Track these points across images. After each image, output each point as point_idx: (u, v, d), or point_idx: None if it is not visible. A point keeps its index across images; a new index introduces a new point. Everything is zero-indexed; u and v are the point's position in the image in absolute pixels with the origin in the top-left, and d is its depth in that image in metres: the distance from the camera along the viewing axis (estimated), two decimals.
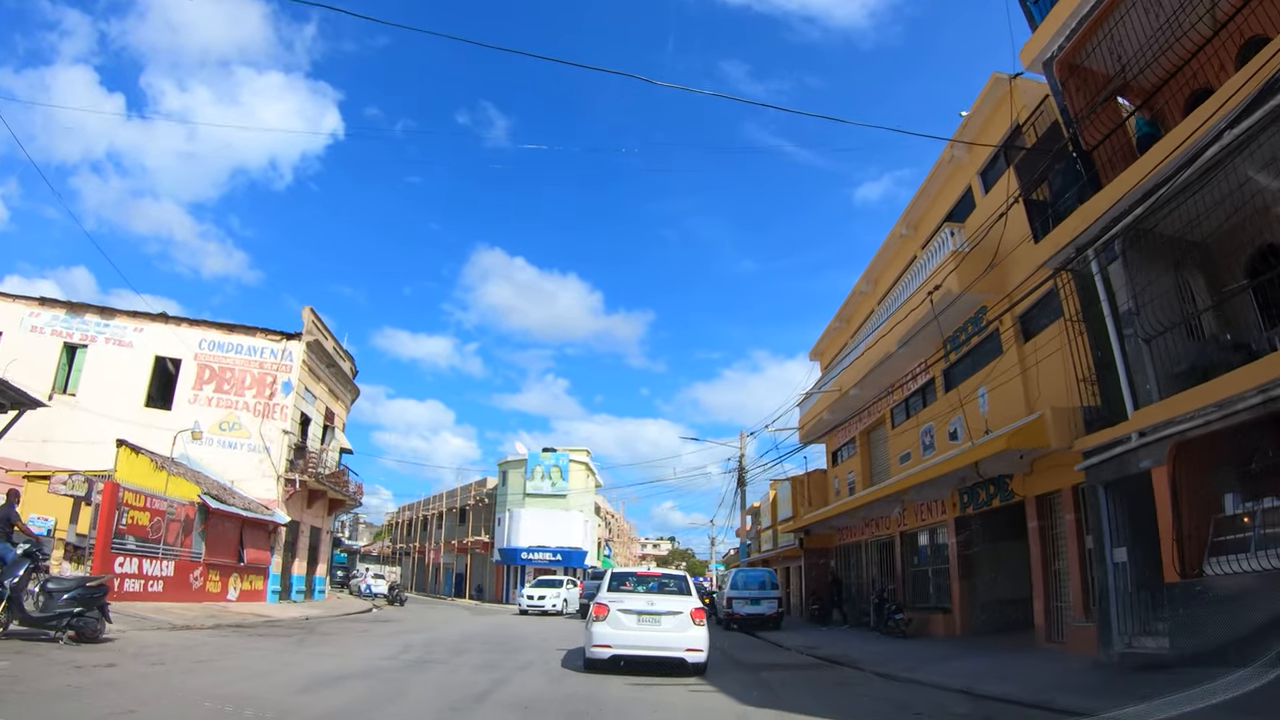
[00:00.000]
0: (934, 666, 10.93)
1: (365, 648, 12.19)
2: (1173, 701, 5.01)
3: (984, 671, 9.99)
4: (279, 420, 26.73)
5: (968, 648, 13.54)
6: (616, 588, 10.35)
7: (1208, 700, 4.62)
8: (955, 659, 11.95)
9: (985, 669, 10.34)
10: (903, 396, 19.80)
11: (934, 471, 14.96)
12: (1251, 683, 4.54)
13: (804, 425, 25.27)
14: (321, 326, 29.21)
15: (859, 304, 23.26)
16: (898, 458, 19.61)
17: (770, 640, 17.37)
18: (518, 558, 40.38)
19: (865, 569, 21.80)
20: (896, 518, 19.44)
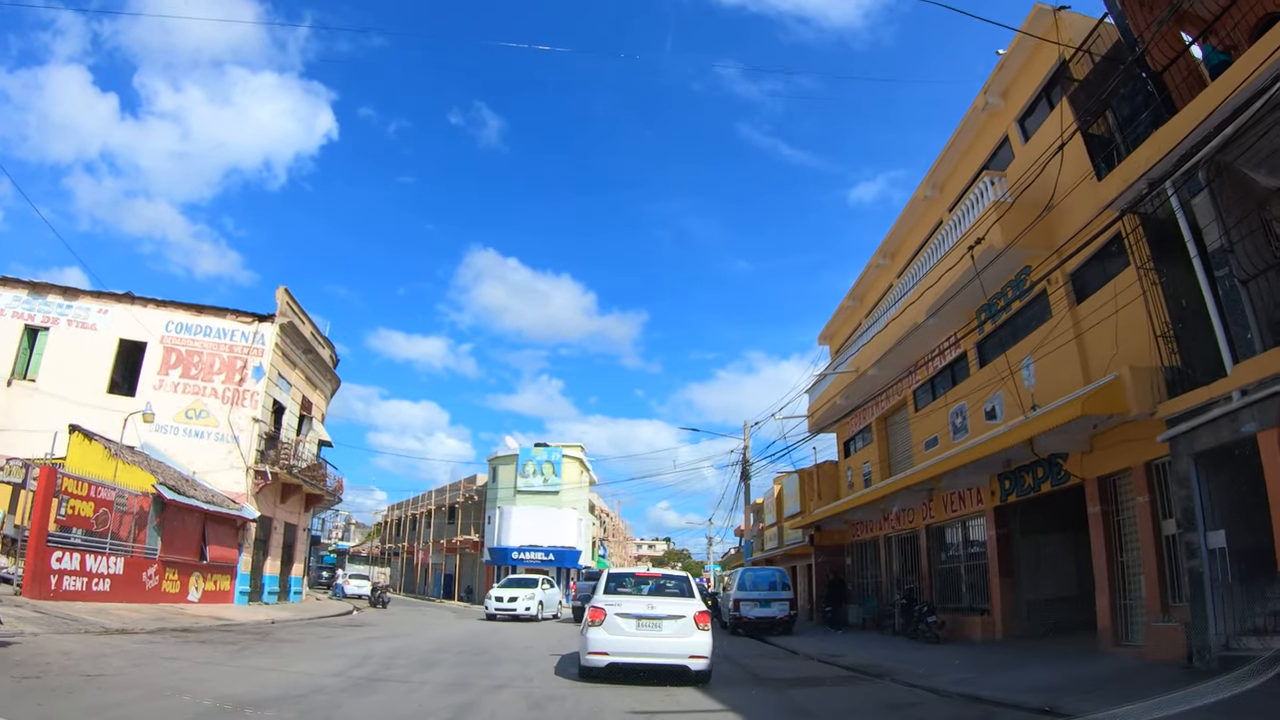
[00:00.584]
0: (991, 679, 9.12)
1: (314, 659, 10.29)
2: (1171, 701, 4.82)
3: (1060, 685, 8.19)
4: (249, 408, 24.81)
5: (1018, 654, 11.71)
6: (613, 590, 9.62)
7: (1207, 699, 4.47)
8: (1011, 668, 10.16)
9: (1059, 681, 8.54)
10: (927, 376, 18.02)
11: (973, 454, 13.15)
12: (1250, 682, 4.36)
13: (814, 412, 23.46)
14: (297, 308, 27.29)
15: (875, 279, 21.49)
16: (922, 444, 17.82)
17: (784, 647, 15.51)
18: (508, 557, 38.36)
19: (884, 567, 19.96)
20: (922, 509, 17.63)
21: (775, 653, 14.40)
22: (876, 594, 20.08)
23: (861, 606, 19.98)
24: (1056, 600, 14.15)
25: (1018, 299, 14.29)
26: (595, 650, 8.54)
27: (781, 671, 11.29)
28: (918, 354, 17.51)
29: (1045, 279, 13.03)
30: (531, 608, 23.63)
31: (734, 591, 19.37)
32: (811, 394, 24.22)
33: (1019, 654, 11.76)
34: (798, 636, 17.91)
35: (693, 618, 8.65)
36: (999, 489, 14.45)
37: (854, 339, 21.11)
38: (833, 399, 21.04)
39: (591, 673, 8.61)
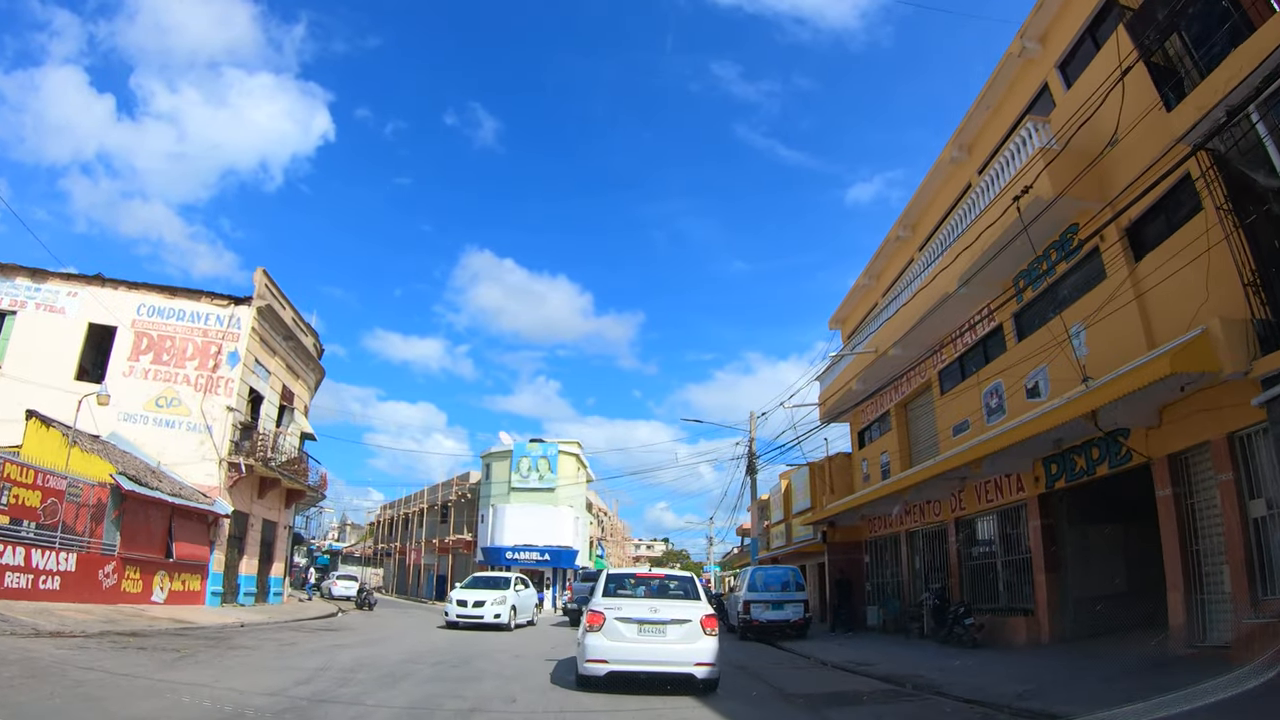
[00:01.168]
0: (1060, 692, 7.59)
1: (258, 672, 8.72)
2: (1171, 701, 4.75)
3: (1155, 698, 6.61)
4: (223, 396, 23.27)
5: (1080, 660, 10.18)
6: (613, 592, 9.05)
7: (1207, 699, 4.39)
8: (1086, 678, 8.63)
9: (1144, 691, 6.95)
10: (955, 355, 16.52)
11: (1017, 435, 11.62)
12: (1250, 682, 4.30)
13: (826, 400, 21.95)
14: (277, 291, 25.76)
15: (894, 254, 19.99)
16: (949, 429, 16.31)
17: (802, 654, 13.94)
18: (502, 557, 36.67)
19: (906, 565, 18.42)
20: (950, 501, 16.11)
21: (795, 661, 12.84)
22: (897, 594, 18.54)
23: (882, 608, 18.43)
24: (1113, 597, 12.62)
25: (1063, 261, 12.82)
26: (594, 658, 7.87)
27: (808, 684, 9.73)
28: (945, 330, 16.02)
29: (1097, 235, 11.53)
30: (502, 614, 18.84)
31: (743, 593, 17.79)
32: (823, 380, 22.70)
33: (1076, 660, 10.24)
34: (813, 641, 16.36)
35: (699, 622, 8.00)
36: (1044, 475, 12.93)
37: (871, 319, 19.62)
38: (848, 384, 19.53)
39: (590, 682, 7.94)
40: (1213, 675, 7.55)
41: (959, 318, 15.49)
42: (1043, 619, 12.72)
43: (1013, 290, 14.09)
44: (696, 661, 7.81)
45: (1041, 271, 13.51)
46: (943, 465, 14.07)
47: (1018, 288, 14.04)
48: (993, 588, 14.68)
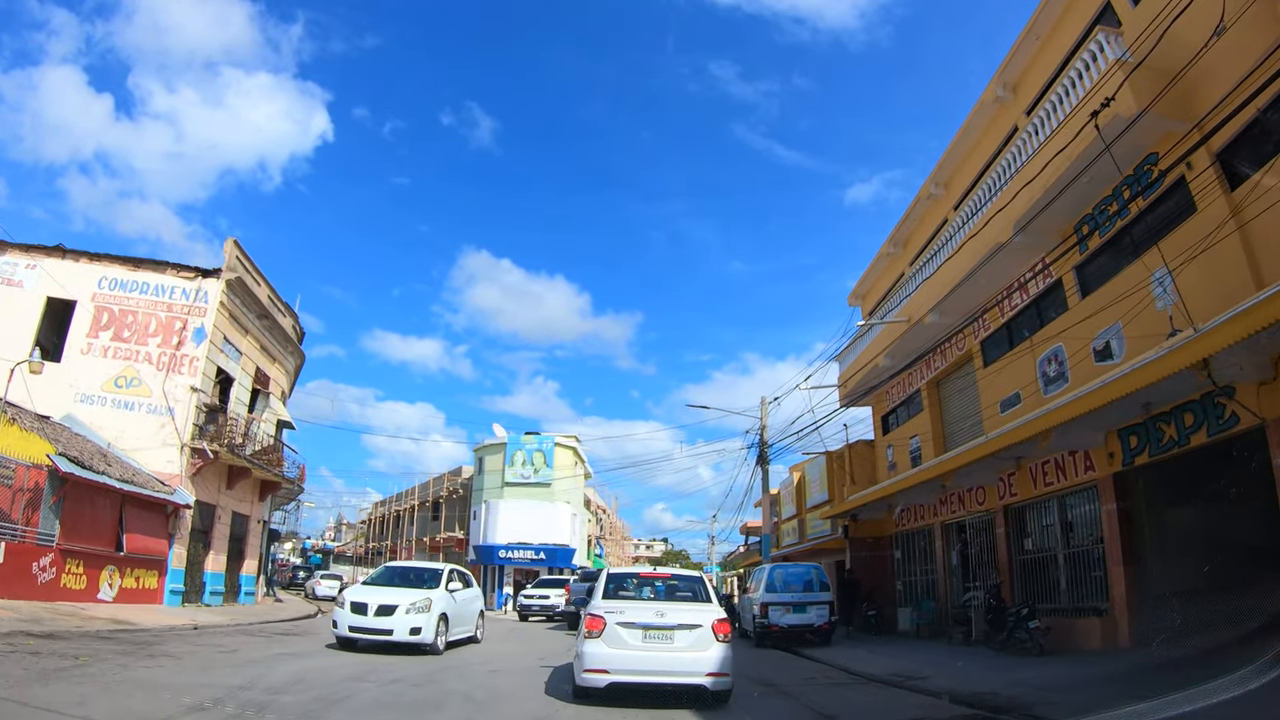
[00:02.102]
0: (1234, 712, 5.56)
1: (150, 691, 6.71)
2: (1173, 701, 4.60)
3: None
4: (187, 375, 21.31)
5: (1185, 670, 8.18)
6: (614, 593, 8.31)
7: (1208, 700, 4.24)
8: (1215, 696, 6.62)
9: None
10: (1002, 320, 14.58)
11: (1097, 400, 9.65)
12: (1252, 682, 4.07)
13: (847, 380, 19.98)
14: (249, 265, 23.82)
15: (924, 216, 18.06)
16: (995, 405, 14.36)
17: (832, 663, 11.88)
18: (494, 556, 34.60)
19: (941, 561, 16.41)
20: (998, 486, 14.15)
21: (828, 674, 10.77)
22: (931, 594, 16.55)
23: (915, 610, 16.40)
24: (1194, 593, 10.62)
25: (1138, 197, 10.90)
26: (593, 667, 7.12)
27: (863, 710, 7.72)
28: (990, 292, 14.08)
29: (1184, 162, 9.61)
30: (423, 628, 11.53)
31: (760, 594, 15.61)
32: (843, 360, 20.75)
33: (1185, 669, 8.24)
34: (839, 648, 14.34)
35: (710, 626, 7.29)
36: (1120, 449, 10.96)
37: (900, 287, 17.69)
38: (873, 360, 17.56)
39: (589, 694, 7.23)
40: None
41: (1008, 275, 13.57)
42: (1120, 620, 10.75)
43: (1074, 239, 12.18)
44: (708, 671, 7.06)
45: (1111, 214, 11.61)
46: (994, 444, 12.09)
47: (1080, 235, 12.13)
48: (1051, 585, 12.70)
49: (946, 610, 15.61)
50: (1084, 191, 11.74)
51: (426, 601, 12.01)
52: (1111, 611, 10.91)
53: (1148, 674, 8.41)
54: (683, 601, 8.14)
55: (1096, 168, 11.02)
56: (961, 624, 13.74)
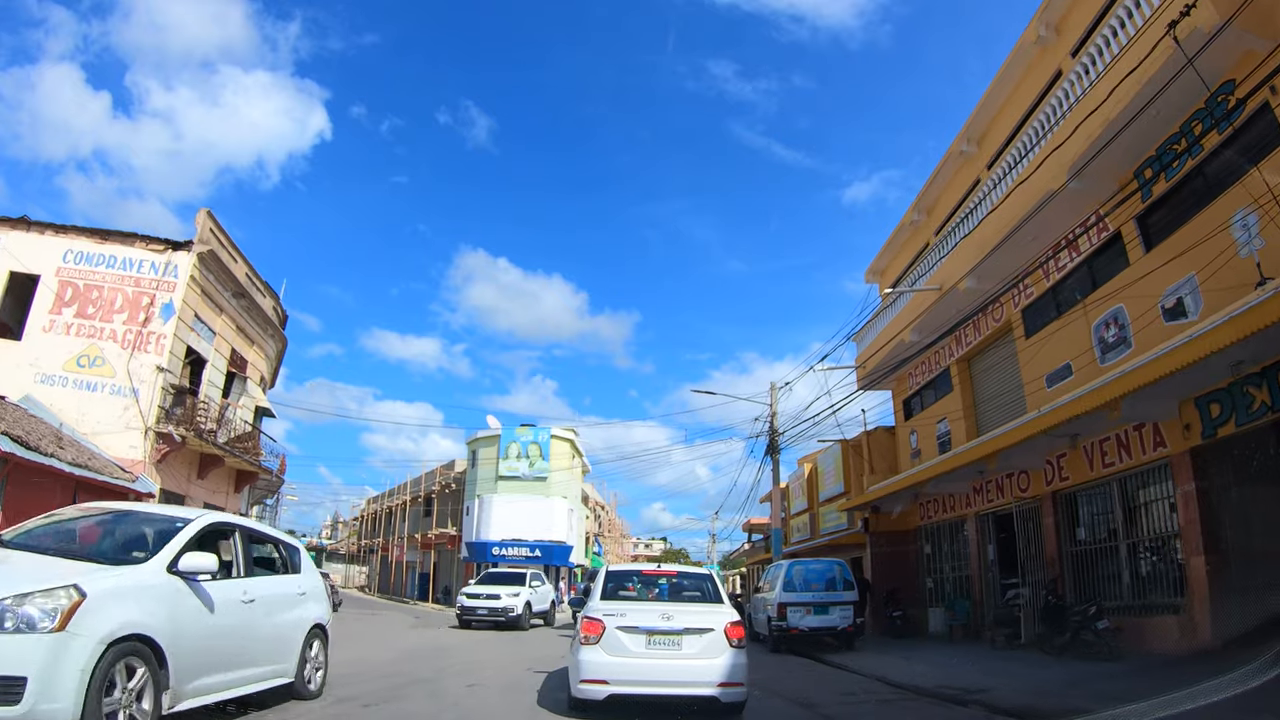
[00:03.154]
0: None
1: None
2: (1173, 701, 4.63)
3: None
4: (153, 354, 19.74)
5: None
6: (614, 594, 7.65)
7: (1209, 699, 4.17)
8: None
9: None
10: (1046, 284, 13.06)
11: (1173, 362, 8.13)
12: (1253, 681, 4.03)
13: (865, 361, 18.43)
14: (224, 239, 22.28)
15: (953, 177, 16.53)
16: (1041, 379, 12.82)
17: (866, 672, 10.29)
18: (488, 553, 32.92)
19: (977, 556, 14.84)
20: (1045, 470, 12.61)
21: (867, 686, 9.13)
22: (965, 592, 14.99)
23: (948, 610, 14.81)
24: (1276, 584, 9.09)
25: (1212, 131, 9.42)
26: (590, 677, 6.41)
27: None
28: (1034, 252, 12.53)
29: (1267, 84, 8.13)
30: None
31: (777, 593, 13.95)
32: (861, 340, 19.21)
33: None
34: (866, 653, 12.77)
35: (723, 630, 6.61)
36: (1198, 420, 9.43)
37: (925, 257, 16.17)
38: (898, 336, 16.02)
39: (585, 707, 6.52)
40: None
41: (1055, 231, 12.07)
42: (1199, 617, 9.21)
43: (1134, 185, 10.69)
44: (720, 681, 6.35)
45: (1179, 153, 10.12)
46: (1047, 420, 10.53)
47: (1142, 181, 10.64)
48: (1111, 579, 11.16)
49: (983, 610, 14.06)
50: (1146, 131, 10.26)
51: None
52: (1189, 609, 9.38)
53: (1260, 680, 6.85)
54: (690, 602, 7.43)
55: (1163, 100, 9.55)
56: (1006, 625, 12.18)
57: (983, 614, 14.06)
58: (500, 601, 19.29)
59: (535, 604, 20.44)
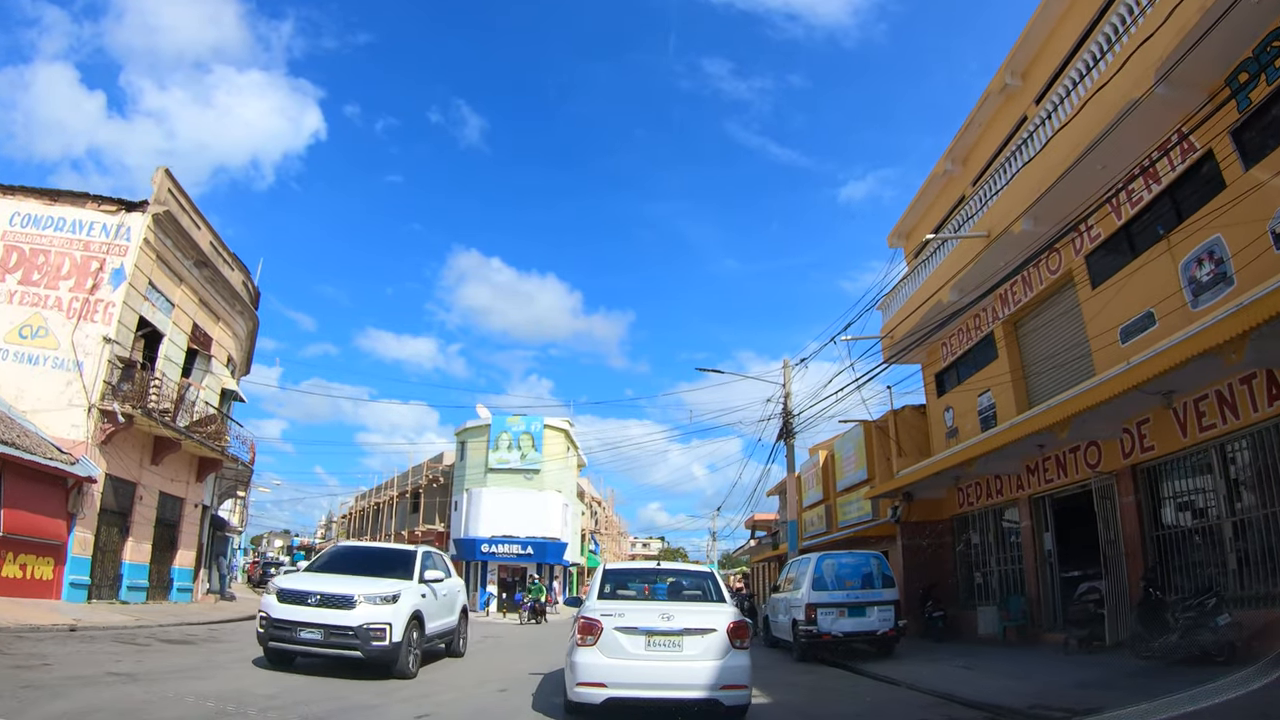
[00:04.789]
0: None
1: None
2: (1173, 702, 4.54)
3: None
4: (100, 324, 17.80)
5: None
6: (611, 593, 7.26)
7: (1209, 700, 4.07)
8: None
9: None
10: (1118, 222, 11.14)
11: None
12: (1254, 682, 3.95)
13: (893, 330, 16.48)
14: (185, 201, 20.39)
15: (994, 116, 14.61)
16: (1115, 332, 10.89)
17: (933, 689, 8.23)
18: (477, 551, 30.83)
19: (1033, 545, 12.78)
20: (1122, 441, 10.66)
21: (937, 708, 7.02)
22: (1019, 588, 12.98)
23: (1001, 609, 12.79)
24: None
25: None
26: (588, 680, 6.12)
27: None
28: (1102, 186, 10.60)
29: None
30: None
31: (805, 592, 11.88)
32: (888, 308, 17.28)
33: None
34: (911, 661, 10.75)
35: (726, 631, 6.28)
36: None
37: (960, 212, 14.26)
38: (934, 297, 14.06)
39: (583, 711, 6.25)
40: None
41: (1129, 156, 10.14)
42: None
43: (1227, 93, 8.82)
44: (724, 684, 6.13)
45: (1275, 49, 8.29)
46: (1141, 374, 8.59)
47: (1236, 87, 8.77)
48: (1204, 567, 9.20)
49: (1040, 608, 12.10)
50: (1241, 27, 8.41)
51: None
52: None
53: None
54: (691, 601, 7.21)
55: None
56: (1080, 625, 10.20)
57: (1039, 613, 12.10)
58: (348, 614, 8.31)
59: (430, 616, 9.50)
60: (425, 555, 10.24)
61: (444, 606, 10.33)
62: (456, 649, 11.11)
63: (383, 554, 10.66)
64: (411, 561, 9.79)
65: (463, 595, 11.59)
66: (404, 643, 8.40)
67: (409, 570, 9.53)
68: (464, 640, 11.53)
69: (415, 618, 8.83)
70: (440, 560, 11.09)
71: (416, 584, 9.32)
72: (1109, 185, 10.53)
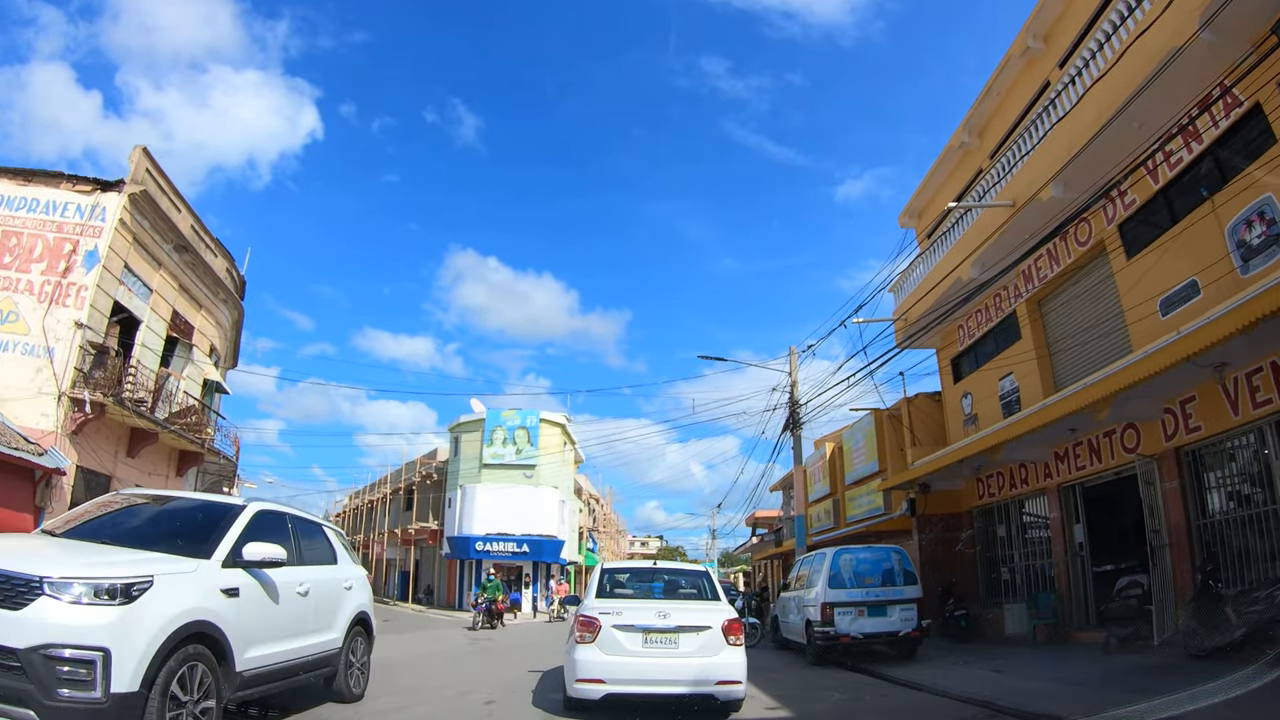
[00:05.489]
0: None
1: None
2: (1173, 701, 4.51)
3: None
4: (72, 308, 16.95)
5: None
6: (609, 592, 7.53)
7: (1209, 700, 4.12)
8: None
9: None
10: (1154, 187, 10.32)
11: None
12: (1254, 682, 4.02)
13: (907, 311, 15.65)
14: (164, 182, 19.55)
15: (1013, 85, 13.79)
16: (1154, 303, 10.07)
17: (960, 695, 7.41)
18: (470, 549, 29.91)
19: (1062, 537, 11.90)
20: (1164, 422, 9.83)
21: None
22: (1049, 584, 12.11)
23: (1030, 607, 11.92)
24: None
25: None
26: (587, 677, 6.31)
27: None
28: (1137, 147, 9.77)
29: None
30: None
31: (820, 591, 10.99)
32: (900, 290, 16.46)
33: None
34: (937, 665, 9.88)
35: (720, 628, 6.51)
36: None
37: (978, 185, 13.44)
38: (953, 274, 13.22)
39: (582, 706, 6.43)
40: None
41: (1166, 113, 9.32)
42: None
43: (1273, 42, 8.04)
44: (719, 679, 6.32)
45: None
46: (1196, 342, 7.76)
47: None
48: (1265, 556, 8.37)
49: (1070, 605, 11.26)
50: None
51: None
52: None
53: None
54: (687, 600, 7.48)
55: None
56: (1122, 622, 9.36)
57: (1070, 610, 11.26)
58: (15, 620, 3.91)
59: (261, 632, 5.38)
60: (257, 517, 5.74)
61: (301, 615, 5.98)
62: (342, 688, 6.74)
63: (175, 514, 5.88)
64: (219, 525, 5.43)
65: (358, 595, 7.20)
66: (146, 693, 4.12)
67: (206, 541, 5.20)
68: (361, 674, 7.20)
69: (198, 636, 4.59)
70: (297, 529, 6.41)
71: (216, 568, 5.01)
72: (1145, 146, 9.72)
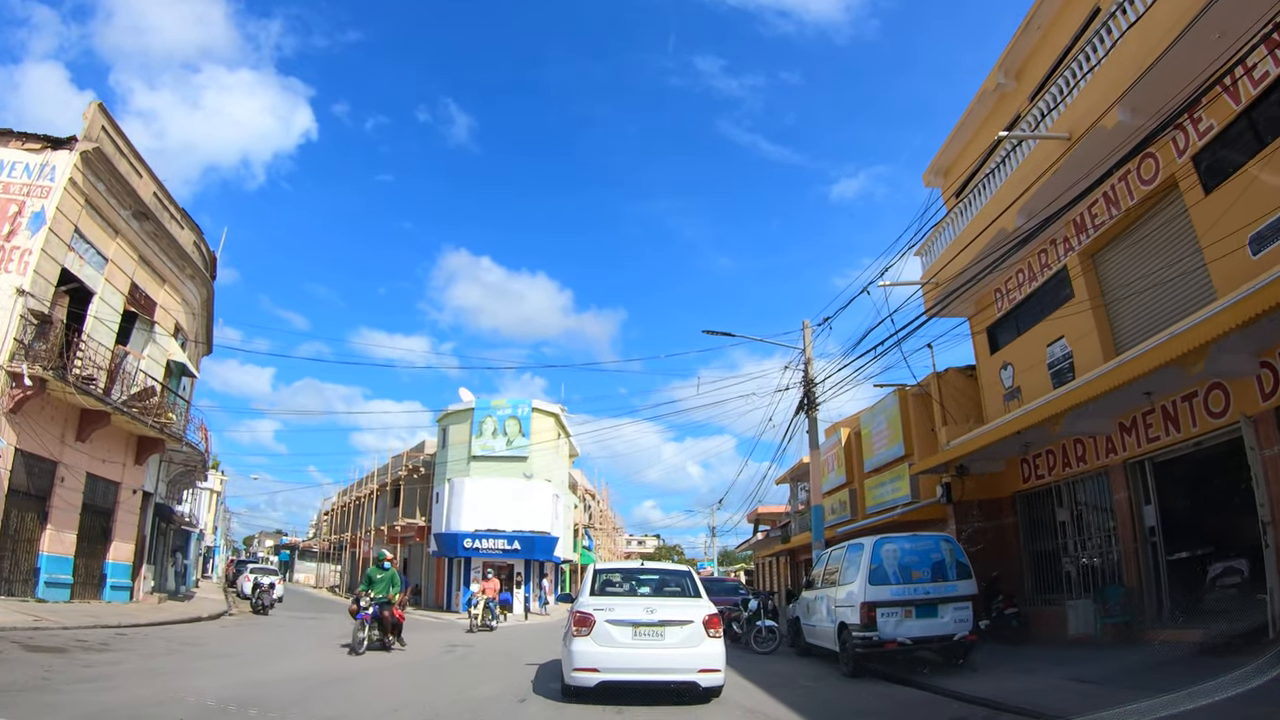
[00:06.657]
0: None
1: None
2: (1173, 700, 4.46)
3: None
4: (15, 274, 15.42)
5: None
6: (602, 590, 8.17)
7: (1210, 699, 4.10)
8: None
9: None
10: (1235, 109, 8.81)
11: None
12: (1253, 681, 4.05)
13: (937, 272, 14.07)
14: (122, 142, 18.03)
15: (1053, 21, 12.25)
16: (1244, 239, 8.53)
17: (1054, 716, 5.89)
18: (459, 546, 28.15)
19: (1130, 522, 10.27)
20: (1262, 380, 8.27)
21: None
22: (1117, 576, 10.49)
23: (1097, 603, 10.30)
24: None
25: None
26: (583, 666, 7.03)
27: None
28: (1213, 61, 8.24)
29: None
30: None
31: (860, 587, 9.28)
32: (929, 252, 14.92)
33: None
34: (1005, 675, 8.19)
35: (701, 622, 7.28)
36: None
37: (1026, 121, 11.90)
38: (993, 224, 11.59)
39: (577, 692, 7.17)
40: None
41: (1251, 17, 7.79)
42: None
43: None
44: (701, 668, 7.09)
45: None
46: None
47: None
48: None
49: (1144, 600, 9.69)
50: None
51: None
52: None
53: None
54: (673, 597, 8.03)
55: None
56: (1221, 617, 7.80)
57: (1143, 605, 9.69)
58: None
59: None
60: None
61: None
62: None
63: None
64: None
65: None
66: None
67: None
68: None
69: None
70: None
71: None
72: (1228, 56, 8.18)
